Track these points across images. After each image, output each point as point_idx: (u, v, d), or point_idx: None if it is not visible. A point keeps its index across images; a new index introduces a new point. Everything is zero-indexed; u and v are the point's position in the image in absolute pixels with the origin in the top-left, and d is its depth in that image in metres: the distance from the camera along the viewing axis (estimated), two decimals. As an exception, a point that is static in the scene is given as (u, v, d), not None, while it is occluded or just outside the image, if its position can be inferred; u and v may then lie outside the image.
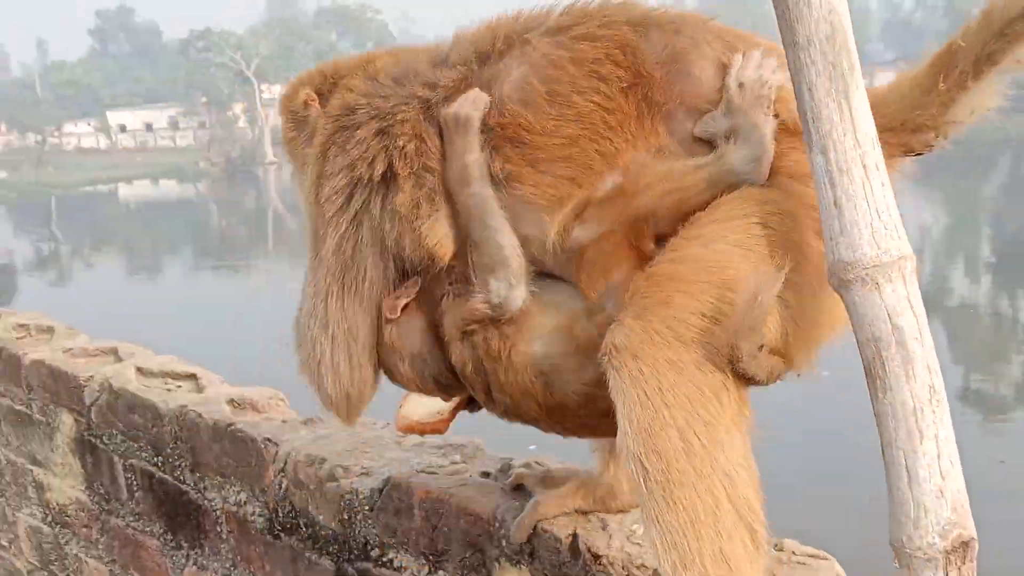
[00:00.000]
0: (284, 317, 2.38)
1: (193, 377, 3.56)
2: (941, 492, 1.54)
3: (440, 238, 1.94)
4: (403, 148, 1.96)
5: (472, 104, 1.89)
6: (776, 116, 1.78)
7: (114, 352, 3.95)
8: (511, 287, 1.89)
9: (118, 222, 59.09)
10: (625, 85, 1.84)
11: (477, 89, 1.91)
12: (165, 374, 3.63)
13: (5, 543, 4.52)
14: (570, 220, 1.87)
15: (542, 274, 1.93)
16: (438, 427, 2.26)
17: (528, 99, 1.88)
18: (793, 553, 2.08)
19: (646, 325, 1.69)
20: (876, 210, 1.56)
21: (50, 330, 4.33)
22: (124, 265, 42.85)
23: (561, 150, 1.87)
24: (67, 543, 4.04)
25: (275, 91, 71.38)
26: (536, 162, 1.88)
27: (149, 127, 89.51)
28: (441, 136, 1.93)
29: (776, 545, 2.07)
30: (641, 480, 1.67)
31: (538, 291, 1.91)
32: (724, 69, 1.81)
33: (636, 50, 1.85)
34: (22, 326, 4.40)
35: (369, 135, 2.00)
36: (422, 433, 2.30)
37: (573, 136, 1.86)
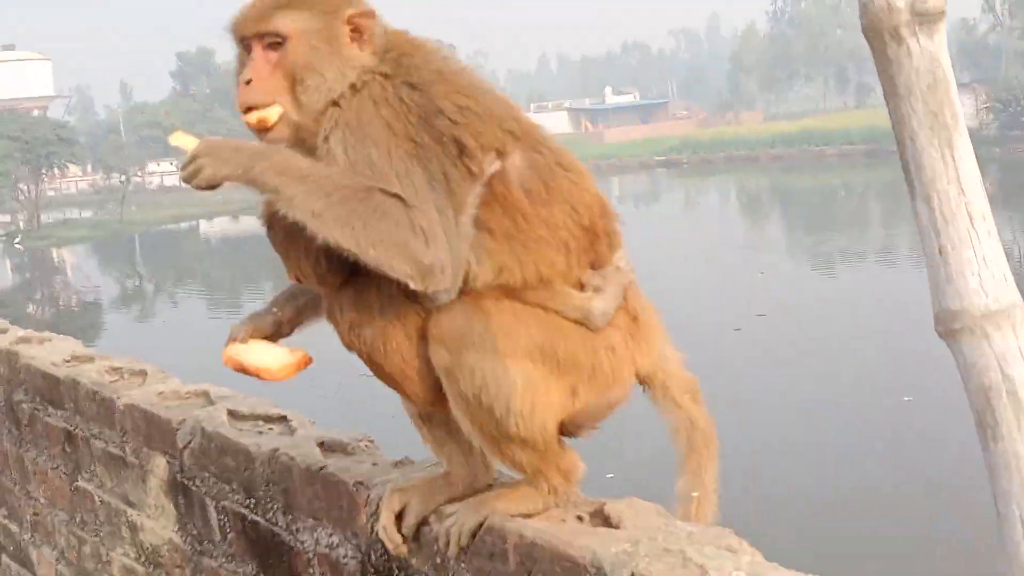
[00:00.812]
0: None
1: (284, 419, 3.61)
2: (1058, 547, 1.51)
3: None
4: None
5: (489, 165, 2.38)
6: None
7: (205, 395, 4.02)
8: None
9: (199, 258, 60.20)
10: (587, 224, 2.47)
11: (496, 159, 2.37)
12: (256, 417, 3.68)
13: (100, 582, 4.60)
14: (490, 277, 2.38)
15: None
16: (267, 374, 2.53)
17: (528, 187, 2.39)
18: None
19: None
20: (983, 258, 1.54)
21: (143, 373, 4.42)
22: (206, 300, 43.58)
23: (529, 235, 2.38)
24: (161, 583, 4.10)
25: (351, 127, 72.25)
26: (507, 231, 2.37)
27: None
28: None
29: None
30: None
31: None
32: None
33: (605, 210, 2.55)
34: (116, 369, 4.49)
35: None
36: (246, 372, 2.54)
37: (541, 236, 2.39)
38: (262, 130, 2.46)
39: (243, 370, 2.54)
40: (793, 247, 43.91)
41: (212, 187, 2.39)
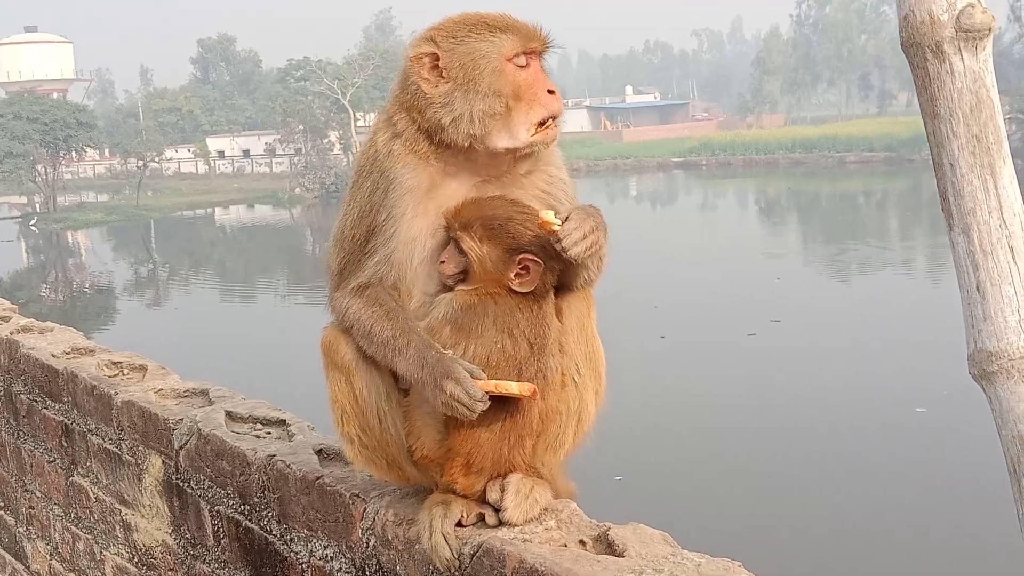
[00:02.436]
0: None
1: (282, 423, 3.51)
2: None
3: None
4: None
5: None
6: None
7: (205, 394, 3.93)
8: None
9: (214, 245, 60.30)
10: None
11: None
12: (255, 419, 3.58)
13: (92, 581, 4.51)
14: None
15: None
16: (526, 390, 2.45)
17: None
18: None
19: None
20: (1024, 296, 1.43)
21: (142, 369, 4.33)
22: (219, 288, 43.67)
23: None
24: (153, 585, 4.01)
25: (370, 120, 72.37)
26: None
27: (246, 153, 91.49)
28: None
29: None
30: None
31: None
32: None
33: None
34: (115, 364, 4.41)
35: None
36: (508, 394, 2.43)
37: None
38: (553, 139, 2.53)
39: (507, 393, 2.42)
40: (810, 253, 43.72)
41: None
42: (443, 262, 2.49)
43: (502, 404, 2.41)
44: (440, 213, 2.50)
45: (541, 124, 2.47)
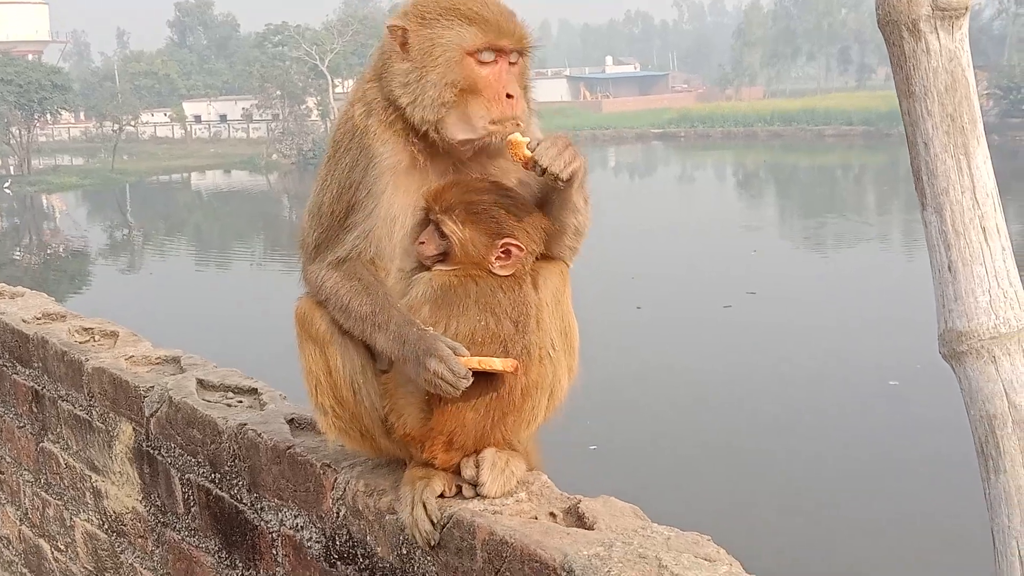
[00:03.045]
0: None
1: (254, 392, 3.50)
2: (1061, 593, 1.41)
3: None
4: None
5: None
6: None
7: (176, 361, 3.91)
8: None
9: (190, 210, 59.93)
10: None
11: None
12: (226, 387, 3.57)
13: (62, 547, 4.50)
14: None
15: None
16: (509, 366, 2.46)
17: None
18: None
19: None
20: (995, 276, 1.42)
21: (113, 335, 4.30)
22: (195, 254, 43.43)
23: None
24: (123, 552, 4.00)
25: (347, 86, 71.92)
26: None
27: (223, 118, 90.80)
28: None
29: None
30: None
31: None
32: None
33: None
34: (87, 330, 4.37)
35: None
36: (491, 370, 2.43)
37: None
38: (513, 145, 2.42)
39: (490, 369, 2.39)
40: (787, 227, 43.84)
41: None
42: (422, 243, 2.47)
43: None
44: (420, 193, 2.49)
45: (497, 122, 2.41)
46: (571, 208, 2.49)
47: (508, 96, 2.42)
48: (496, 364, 2.34)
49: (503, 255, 2.43)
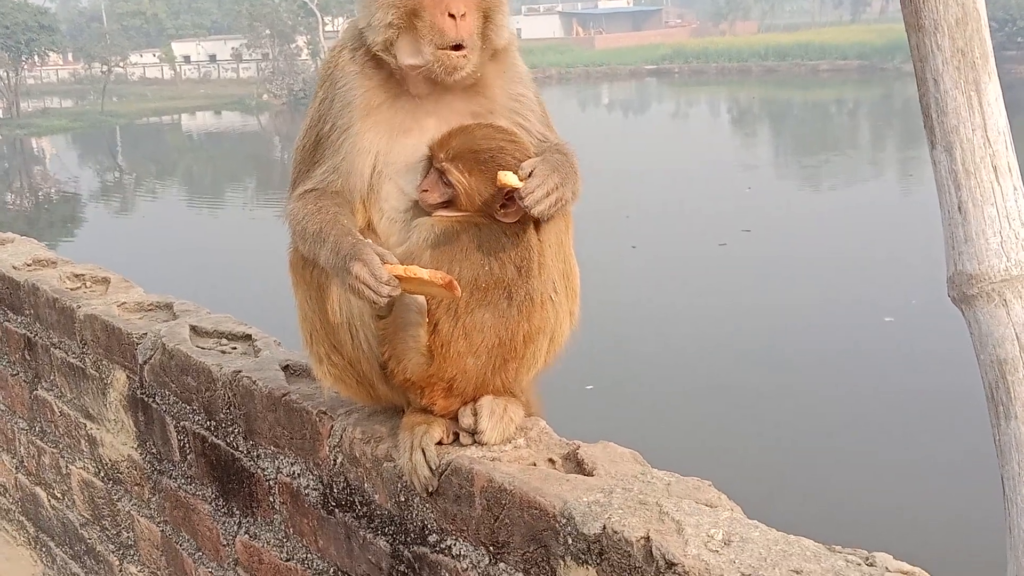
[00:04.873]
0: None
1: (248, 338, 3.46)
2: (1072, 540, 1.38)
3: None
4: None
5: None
6: None
7: (169, 307, 3.86)
8: None
9: (181, 152, 59.56)
10: None
11: None
12: (220, 334, 3.53)
13: (59, 495, 4.49)
14: None
15: None
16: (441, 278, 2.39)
17: None
18: (887, 569, 1.92)
19: None
20: (1007, 217, 1.38)
21: (105, 281, 4.25)
22: (187, 195, 43.24)
23: None
24: (119, 499, 3.99)
25: (338, 24, 71.18)
26: None
27: (213, 59, 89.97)
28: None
29: (867, 560, 1.92)
30: None
31: None
32: None
33: None
34: (78, 276, 4.33)
35: None
36: (422, 286, 2.38)
37: None
38: (453, 69, 2.36)
39: (419, 282, 2.29)
40: (782, 163, 43.67)
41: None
42: (425, 191, 2.42)
43: (488, 327, 2.38)
44: (392, 129, 2.44)
45: (451, 48, 2.34)
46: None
47: (451, 16, 2.33)
48: (423, 273, 2.25)
49: (508, 202, 2.39)
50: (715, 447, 13.96)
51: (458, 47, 2.34)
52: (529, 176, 2.29)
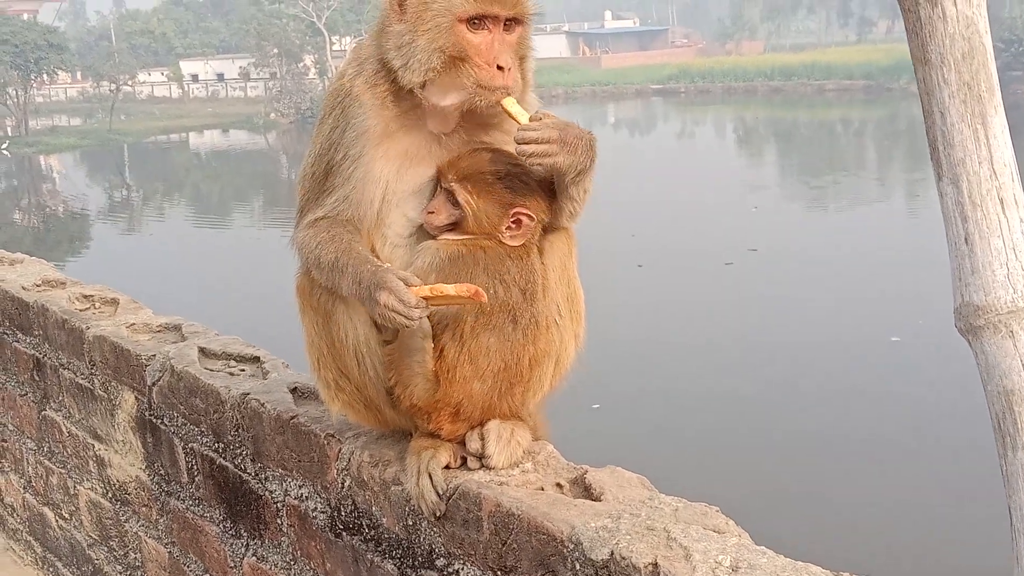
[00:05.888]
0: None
1: (256, 360, 3.47)
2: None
3: None
4: None
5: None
6: None
7: (178, 329, 3.88)
8: None
9: (188, 171, 59.72)
10: None
11: None
12: (228, 355, 3.54)
13: (67, 515, 4.50)
14: None
15: None
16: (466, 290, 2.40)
17: None
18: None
19: None
20: (1013, 248, 1.39)
21: (114, 303, 4.27)
22: (194, 213, 43.31)
23: None
24: (127, 520, 4.00)
25: (345, 44, 71.44)
26: None
27: (220, 77, 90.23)
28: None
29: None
30: None
31: None
32: None
33: None
34: (87, 297, 4.35)
35: None
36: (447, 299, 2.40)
37: None
38: (495, 103, 2.38)
39: (446, 298, 2.31)
40: (788, 183, 43.66)
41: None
42: (432, 212, 2.44)
43: (494, 353, 2.39)
44: (403, 158, 2.45)
45: (485, 87, 2.36)
46: (567, 196, 2.45)
47: (499, 68, 2.36)
48: (449, 290, 2.27)
49: (514, 225, 2.41)
50: (721, 466, 13.92)
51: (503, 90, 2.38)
52: (536, 118, 2.32)
